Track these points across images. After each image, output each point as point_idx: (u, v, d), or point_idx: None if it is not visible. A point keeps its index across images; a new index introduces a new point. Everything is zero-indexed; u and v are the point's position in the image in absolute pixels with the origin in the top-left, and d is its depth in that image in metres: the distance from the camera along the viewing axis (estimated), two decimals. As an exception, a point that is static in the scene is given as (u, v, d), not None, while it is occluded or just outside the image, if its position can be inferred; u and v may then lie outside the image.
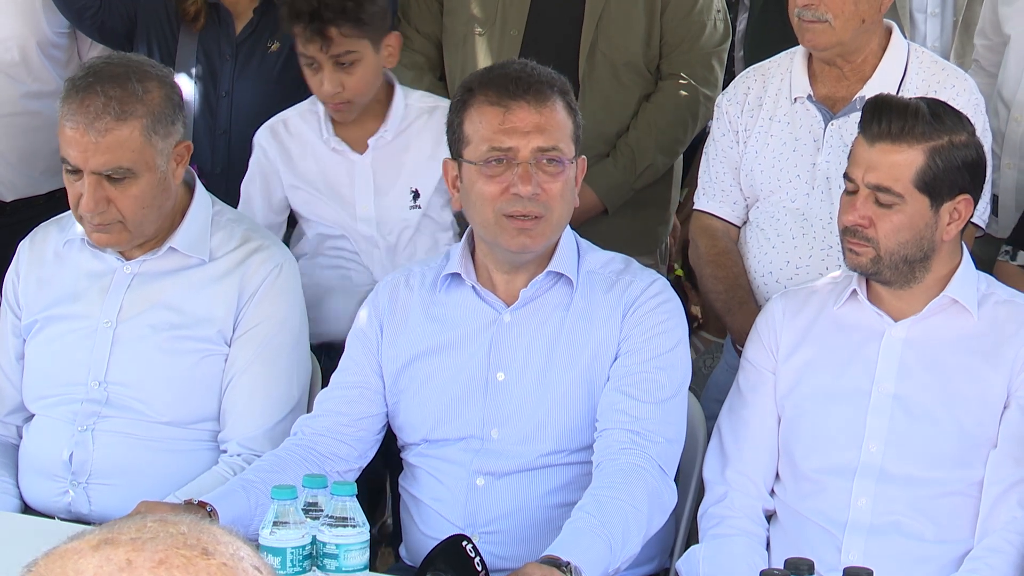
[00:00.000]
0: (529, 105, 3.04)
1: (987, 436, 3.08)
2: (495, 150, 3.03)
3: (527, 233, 3.04)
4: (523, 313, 3.13)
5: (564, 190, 3.06)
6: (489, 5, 4.21)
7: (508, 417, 3.10)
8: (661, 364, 3.07)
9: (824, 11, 3.52)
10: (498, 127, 3.04)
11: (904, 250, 3.08)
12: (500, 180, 3.03)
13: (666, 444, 3.02)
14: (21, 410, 3.44)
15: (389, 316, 3.21)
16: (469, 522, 3.08)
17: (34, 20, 4.34)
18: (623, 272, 3.17)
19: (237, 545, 1.31)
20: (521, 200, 3.01)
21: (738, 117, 3.73)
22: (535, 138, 3.02)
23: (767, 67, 3.77)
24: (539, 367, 3.11)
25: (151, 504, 2.85)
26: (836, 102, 3.64)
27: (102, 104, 3.17)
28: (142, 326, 3.32)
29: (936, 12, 4.61)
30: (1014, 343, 3.09)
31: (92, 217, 3.22)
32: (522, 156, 3.02)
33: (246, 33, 4.18)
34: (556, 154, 3.04)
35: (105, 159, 3.18)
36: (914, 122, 3.05)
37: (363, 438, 3.19)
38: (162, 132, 3.24)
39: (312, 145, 3.88)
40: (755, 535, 3.16)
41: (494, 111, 3.04)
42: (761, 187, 3.69)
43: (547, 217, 3.04)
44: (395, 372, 3.18)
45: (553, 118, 3.05)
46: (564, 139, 3.06)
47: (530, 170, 3.02)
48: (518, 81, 3.06)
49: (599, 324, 3.11)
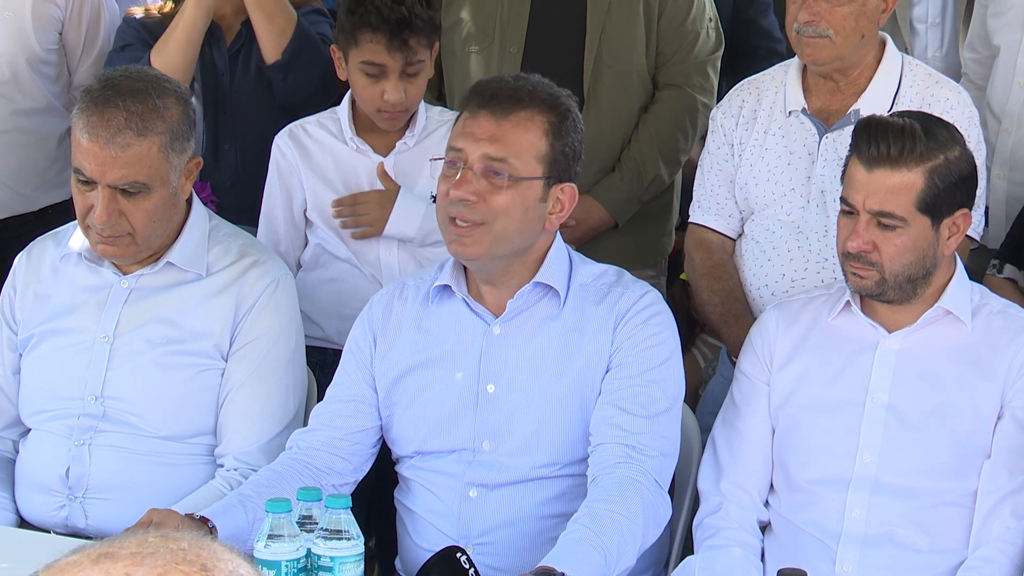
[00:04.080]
0: (491, 114, 3.04)
1: (981, 446, 3.08)
2: (451, 149, 3.07)
3: (460, 240, 3.04)
4: (512, 325, 3.13)
5: (511, 206, 3.03)
6: (487, 23, 4.21)
7: (499, 429, 3.10)
8: (654, 378, 3.07)
9: (825, 27, 3.52)
10: (459, 130, 3.07)
11: (908, 271, 3.09)
12: (448, 181, 3.05)
13: (661, 458, 3.02)
14: (17, 424, 3.44)
15: (383, 329, 3.21)
16: (463, 533, 3.09)
17: (23, 37, 4.34)
18: (615, 284, 3.17)
19: (236, 562, 1.31)
20: (456, 204, 3.02)
21: (733, 130, 3.74)
22: (486, 146, 3.02)
23: (761, 80, 3.78)
24: (529, 379, 3.11)
25: (161, 512, 2.85)
26: (830, 115, 3.64)
27: (124, 119, 3.18)
28: (139, 341, 3.32)
29: (937, 22, 4.62)
30: (1008, 354, 3.10)
31: (103, 229, 3.23)
32: (469, 161, 3.03)
33: (237, 46, 4.19)
34: (502, 166, 3.02)
35: (123, 173, 3.19)
36: (912, 144, 3.05)
37: (358, 452, 3.19)
38: (178, 148, 3.25)
39: (332, 147, 3.89)
40: (750, 546, 3.17)
41: (464, 116, 3.09)
42: (756, 200, 3.69)
43: (487, 226, 3.02)
44: (388, 385, 3.19)
45: (513, 132, 3.03)
46: (521, 156, 3.03)
47: (470, 176, 3.02)
48: (492, 91, 3.08)
49: (590, 336, 3.10)
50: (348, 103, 3.89)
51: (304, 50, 4.07)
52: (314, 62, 4.08)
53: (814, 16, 3.52)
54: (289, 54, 4.06)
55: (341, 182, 3.88)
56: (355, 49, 3.78)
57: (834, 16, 3.52)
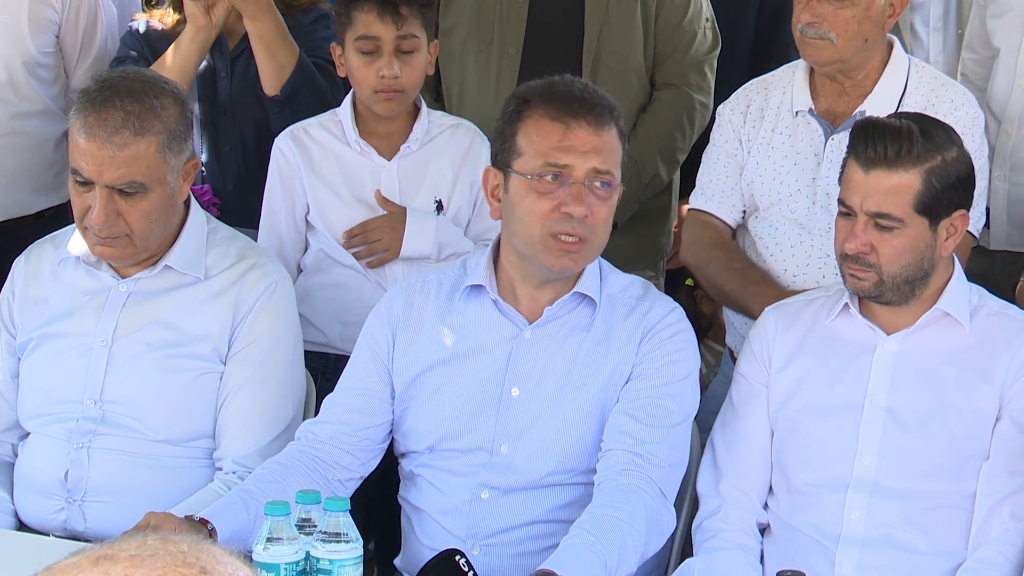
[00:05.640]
0: (589, 125, 3.04)
1: (980, 448, 3.08)
2: (551, 166, 3.03)
3: (570, 256, 3.05)
4: (544, 331, 3.13)
5: (609, 215, 3.08)
6: (485, 24, 4.22)
7: (519, 433, 3.10)
8: (671, 392, 3.08)
9: (827, 29, 3.53)
10: (556, 143, 3.03)
11: (906, 272, 3.09)
12: (552, 197, 3.03)
13: (668, 468, 3.03)
14: (16, 428, 3.44)
15: (404, 323, 3.20)
16: (471, 533, 3.09)
17: (20, 40, 4.33)
18: (643, 298, 3.18)
19: (236, 566, 1.31)
20: (571, 220, 3.02)
21: (741, 126, 3.74)
22: (592, 159, 3.03)
23: (769, 80, 3.78)
24: (555, 386, 3.11)
25: (158, 515, 2.84)
26: (837, 116, 3.65)
27: (121, 119, 3.19)
28: (138, 344, 3.32)
29: (939, 26, 4.63)
30: (1006, 355, 3.10)
31: (100, 230, 3.23)
32: (577, 176, 3.02)
33: (239, 50, 4.18)
34: (609, 178, 3.05)
35: (120, 173, 3.20)
36: (909, 145, 3.05)
37: (367, 447, 3.19)
38: (176, 149, 3.26)
39: (335, 149, 3.89)
40: (749, 548, 3.17)
41: (554, 127, 3.05)
42: (761, 199, 3.69)
43: (591, 241, 3.06)
44: (408, 380, 3.17)
45: (610, 142, 3.06)
46: (616, 164, 3.07)
47: (583, 191, 3.02)
48: (581, 100, 3.06)
49: (616, 348, 3.11)
50: (350, 105, 3.89)
51: (303, 88, 4.07)
52: (312, 100, 4.07)
53: (817, 18, 3.53)
54: (288, 91, 4.06)
55: (344, 185, 3.88)
56: (350, 29, 3.80)
57: (837, 19, 3.52)
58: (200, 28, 4.05)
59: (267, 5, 4.04)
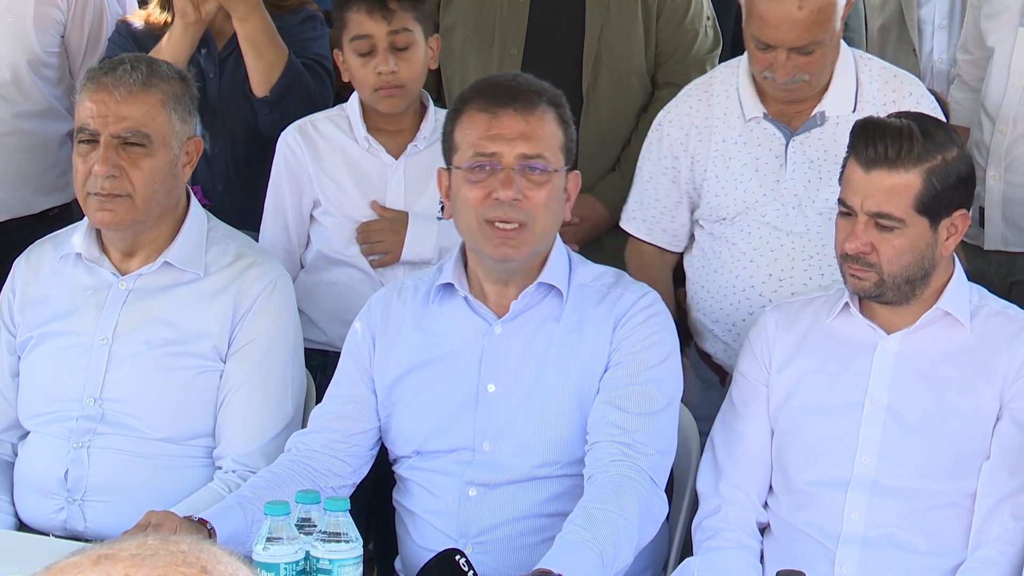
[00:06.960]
0: (516, 112, 3.06)
1: (980, 448, 3.08)
2: (480, 155, 3.06)
3: (508, 243, 3.05)
4: (514, 325, 3.14)
5: (549, 200, 3.07)
6: (486, 24, 4.22)
7: (499, 429, 3.11)
8: (651, 377, 3.08)
9: (802, 74, 3.51)
10: (484, 133, 3.06)
11: (907, 272, 3.09)
12: (484, 186, 3.05)
13: (657, 456, 3.03)
14: (16, 427, 3.44)
15: (382, 329, 3.22)
16: (462, 532, 3.09)
17: (25, 39, 4.34)
18: (614, 285, 3.18)
19: (236, 566, 1.32)
20: (502, 205, 3.03)
21: (682, 142, 3.70)
22: (519, 144, 3.04)
23: (708, 84, 3.74)
24: (530, 379, 3.11)
25: (159, 514, 2.85)
26: (792, 118, 3.62)
27: (129, 71, 3.27)
28: (138, 342, 3.33)
29: (944, 24, 4.63)
30: (1007, 355, 3.10)
31: (102, 183, 3.24)
32: (506, 162, 3.04)
33: (227, 51, 4.17)
34: (540, 161, 3.05)
35: (127, 123, 3.25)
36: (910, 145, 3.05)
37: (357, 453, 3.20)
38: (180, 113, 3.32)
39: (342, 144, 3.89)
40: (749, 547, 3.17)
41: (482, 117, 3.07)
42: (728, 209, 3.66)
43: (530, 226, 3.05)
44: (388, 385, 3.19)
45: (540, 127, 3.07)
46: (551, 148, 3.07)
47: (512, 175, 3.03)
48: (507, 89, 3.09)
49: (590, 337, 3.11)
50: (357, 101, 3.89)
51: (292, 89, 4.06)
52: (301, 101, 4.07)
53: (790, 71, 3.49)
54: (277, 92, 4.05)
55: (351, 180, 3.88)
56: (345, 31, 3.82)
57: (809, 63, 3.49)
58: (191, 24, 4.05)
59: (256, 5, 4.03)
